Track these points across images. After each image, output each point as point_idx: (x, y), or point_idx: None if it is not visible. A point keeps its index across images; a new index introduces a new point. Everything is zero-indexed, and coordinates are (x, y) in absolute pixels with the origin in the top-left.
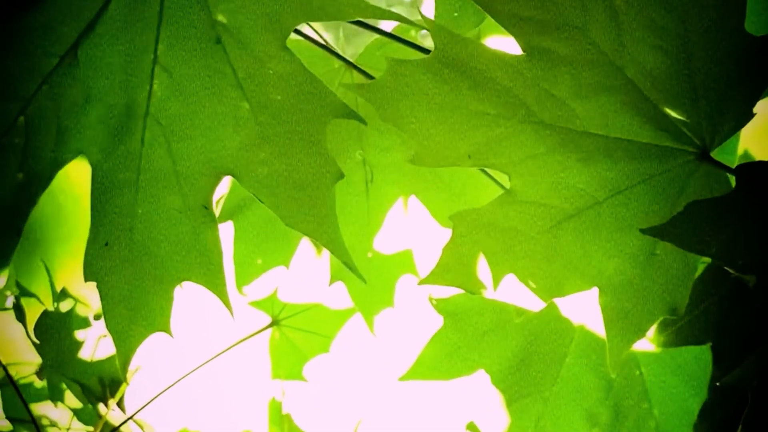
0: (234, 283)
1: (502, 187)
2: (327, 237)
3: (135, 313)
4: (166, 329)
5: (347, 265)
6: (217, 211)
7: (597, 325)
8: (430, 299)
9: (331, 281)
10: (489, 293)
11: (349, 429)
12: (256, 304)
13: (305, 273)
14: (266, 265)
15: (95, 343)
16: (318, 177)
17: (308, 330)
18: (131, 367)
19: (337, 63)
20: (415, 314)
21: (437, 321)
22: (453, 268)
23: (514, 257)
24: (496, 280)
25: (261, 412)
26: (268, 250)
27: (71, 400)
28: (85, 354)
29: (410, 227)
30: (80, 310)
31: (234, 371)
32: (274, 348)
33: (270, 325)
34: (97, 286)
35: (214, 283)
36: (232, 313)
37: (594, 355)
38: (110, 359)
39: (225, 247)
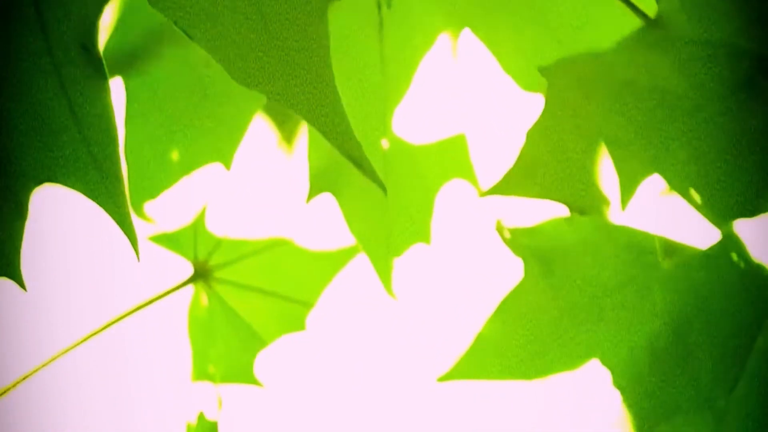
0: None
1: (640, 14)
2: (312, 104)
3: None
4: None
5: (351, 157)
6: None
7: None
8: (500, 228)
9: (310, 195)
10: (616, 215)
11: None
12: (166, 241)
13: (259, 178)
14: (187, 163)
15: None
16: None
17: (263, 290)
18: None
19: None
20: (470, 256)
21: (513, 270)
22: (543, 168)
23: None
24: (628, 192)
25: None
26: (190, 135)
27: None
28: None
29: (462, 91)
30: None
31: (123, 365)
32: (198, 322)
33: (191, 280)
34: None
35: (103, 190)
36: (137, 253)
37: None
38: None
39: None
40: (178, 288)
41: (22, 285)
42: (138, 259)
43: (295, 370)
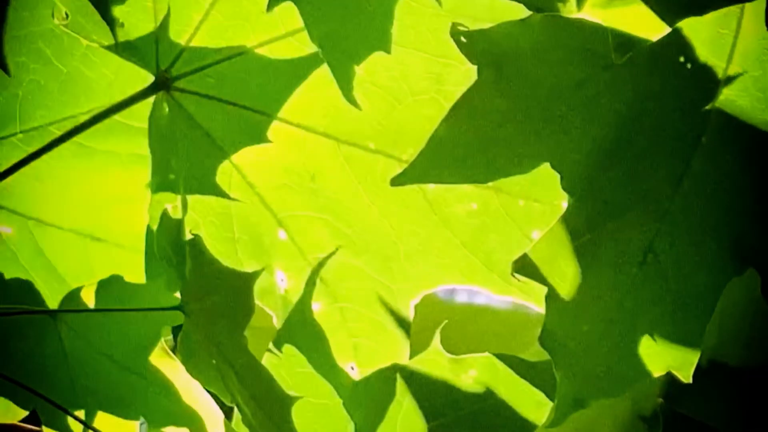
0: None
1: None
2: None
3: None
4: None
5: None
6: None
7: None
8: (455, 32)
9: (271, 5)
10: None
11: None
12: (128, 50)
13: None
14: None
15: None
16: None
17: (225, 100)
18: None
19: None
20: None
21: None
22: None
23: None
24: None
25: None
26: None
27: None
28: None
29: None
30: None
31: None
32: (159, 132)
33: (152, 90)
34: None
35: None
36: None
37: (749, 128)
38: None
39: None
40: (139, 98)
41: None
42: None
43: (258, 181)
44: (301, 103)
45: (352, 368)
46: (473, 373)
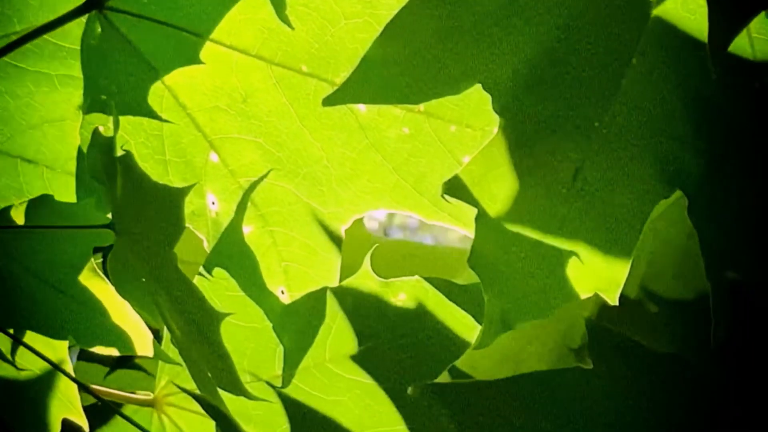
0: None
1: None
2: None
3: None
4: None
5: None
6: None
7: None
8: None
9: None
10: None
11: None
12: None
13: None
14: None
15: None
16: None
17: (157, 20)
18: None
19: None
20: None
21: None
22: None
23: None
24: None
25: None
26: None
27: None
28: None
29: None
30: None
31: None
32: (91, 52)
33: (85, 9)
34: None
35: None
36: None
37: (680, 50)
38: None
39: None
40: (71, 17)
41: None
42: None
43: (190, 103)
44: (234, 25)
45: (282, 292)
46: (403, 296)
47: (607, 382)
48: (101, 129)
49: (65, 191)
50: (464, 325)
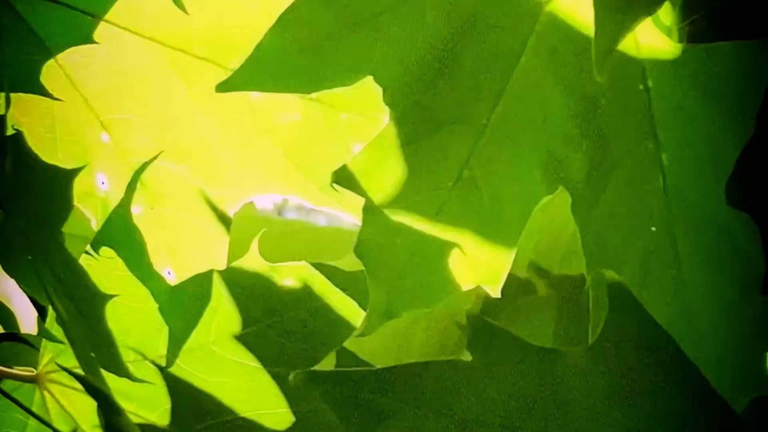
0: None
1: None
2: None
3: None
4: None
5: None
6: None
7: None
8: None
9: None
10: None
11: None
12: None
13: None
14: None
15: None
16: None
17: None
18: None
19: None
20: None
21: None
22: None
23: None
24: None
25: None
26: None
27: None
28: None
29: None
30: None
31: None
32: None
33: None
34: None
35: None
36: None
37: (567, 51)
38: None
39: None
40: None
41: None
42: None
43: (82, 83)
44: (128, 6)
45: (169, 273)
46: (289, 281)
47: (485, 374)
48: None
49: None
50: (350, 310)
